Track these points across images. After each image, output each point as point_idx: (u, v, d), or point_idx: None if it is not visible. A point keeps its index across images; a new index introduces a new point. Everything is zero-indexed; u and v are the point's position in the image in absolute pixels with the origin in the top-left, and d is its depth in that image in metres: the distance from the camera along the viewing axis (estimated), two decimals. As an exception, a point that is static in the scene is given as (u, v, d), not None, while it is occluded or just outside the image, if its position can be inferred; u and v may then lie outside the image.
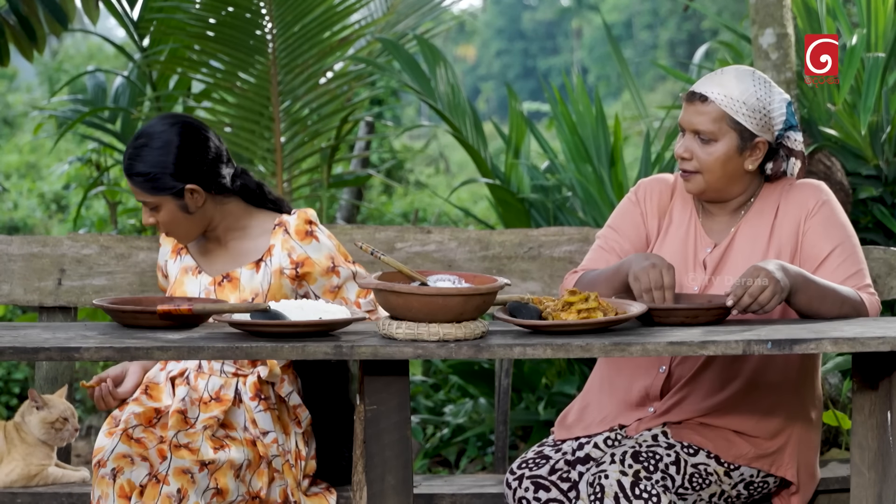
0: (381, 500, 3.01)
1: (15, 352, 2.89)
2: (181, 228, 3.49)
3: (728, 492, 3.38)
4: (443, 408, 5.86)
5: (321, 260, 3.51)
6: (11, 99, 16.39)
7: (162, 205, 3.43)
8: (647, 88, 23.18)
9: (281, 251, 3.50)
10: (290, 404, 3.55)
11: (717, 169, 3.36)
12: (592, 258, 3.54)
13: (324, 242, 3.53)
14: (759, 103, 3.35)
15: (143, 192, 3.43)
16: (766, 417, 3.41)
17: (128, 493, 3.29)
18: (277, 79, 5.83)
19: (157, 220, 3.46)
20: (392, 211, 10.27)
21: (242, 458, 3.39)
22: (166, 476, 3.28)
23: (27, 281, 4.11)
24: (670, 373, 3.44)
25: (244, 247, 3.55)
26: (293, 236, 3.52)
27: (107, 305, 3.17)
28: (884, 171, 5.21)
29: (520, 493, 3.37)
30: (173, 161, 3.40)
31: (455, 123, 5.67)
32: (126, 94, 6.48)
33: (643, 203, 3.56)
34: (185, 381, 3.53)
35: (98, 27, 6.10)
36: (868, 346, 2.93)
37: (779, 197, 3.46)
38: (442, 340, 2.89)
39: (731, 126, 3.33)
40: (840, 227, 3.41)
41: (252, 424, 3.47)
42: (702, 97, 3.34)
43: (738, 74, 3.37)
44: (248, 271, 3.49)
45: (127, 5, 6.11)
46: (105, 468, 3.32)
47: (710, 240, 3.46)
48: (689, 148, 3.37)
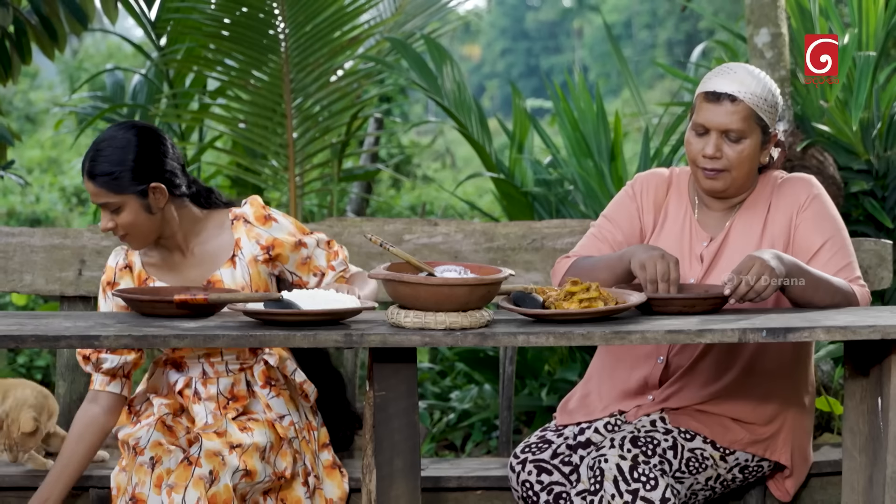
0: (390, 483, 3.01)
1: (37, 340, 2.89)
2: (141, 230, 3.35)
3: (724, 476, 3.38)
4: (449, 394, 5.86)
5: (287, 238, 3.47)
6: (34, 96, 16.39)
7: (125, 205, 3.31)
8: (645, 86, 23.12)
9: (248, 241, 3.45)
10: (297, 381, 3.55)
11: (746, 165, 3.35)
12: (585, 245, 3.52)
13: (283, 221, 3.49)
14: (773, 98, 3.35)
15: (106, 191, 3.30)
16: (761, 404, 3.41)
17: (163, 481, 3.29)
18: (290, 77, 5.83)
19: (116, 223, 3.33)
20: (400, 204, 10.27)
21: (266, 440, 3.38)
22: (198, 458, 3.27)
23: (49, 271, 4.11)
24: (668, 363, 3.43)
25: (211, 249, 3.47)
26: (255, 224, 3.47)
27: (126, 295, 3.17)
28: (874, 166, 5.20)
29: (523, 476, 3.37)
30: (133, 159, 3.30)
31: (461, 120, 5.66)
32: (144, 92, 6.48)
33: (639, 197, 3.54)
34: (195, 395, 3.48)
35: (117, 27, 6.10)
36: (859, 335, 2.92)
37: (771, 191, 3.45)
38: (448, 329, 2.89)
39: (756, 123, 3.33)
40: (831, 220, 3.40)
41: (267, 409, 3.48)
42: (731, 97, 3.30)
43: (749, 71, 3.36)
44: (227, 270, 3.43)
45: (145, 6, 6.11)
46: (143, 456, 3.32)
47: (705, 234, 3.45)
48: (719, 147, 3.33)
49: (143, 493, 3.27)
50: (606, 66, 30.30)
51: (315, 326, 2.94)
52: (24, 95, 16.01)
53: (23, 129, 14.88)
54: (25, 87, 16.19)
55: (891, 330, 2.91)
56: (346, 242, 4.15)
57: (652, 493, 3.14)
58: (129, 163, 3.30)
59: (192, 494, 3.20)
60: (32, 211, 10.15)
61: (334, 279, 3.50)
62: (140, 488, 3.28)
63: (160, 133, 3.40)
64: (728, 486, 3.43)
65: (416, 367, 3.04)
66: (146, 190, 3.32)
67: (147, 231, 3.36)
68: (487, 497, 3.77)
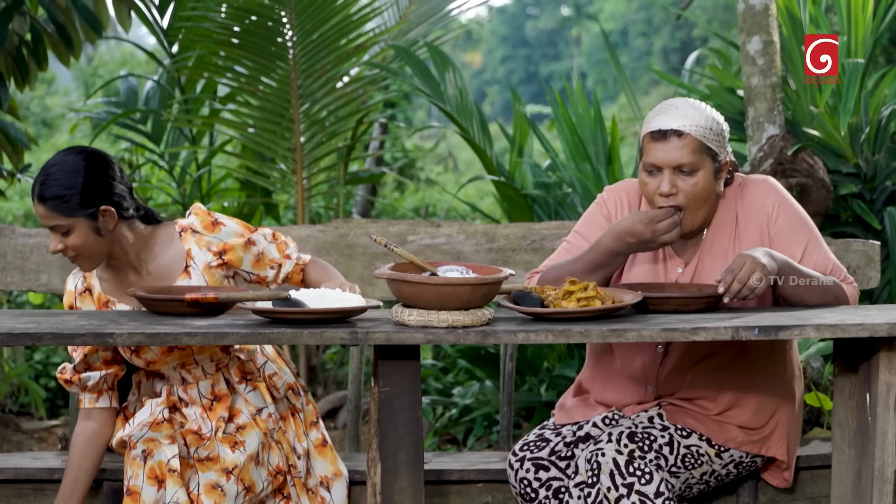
0: (394, 476, 3.01)
1: (53, 337, 2.89)
2: (91, 252, 3.30)
3: (719, 471, 3.37)
4: (451, 390, 5.86)
5: (237, 240, 3.42)
6: (50, 102, 16.38)
7: (74, 227, 3.26)
8: (641, 92, 23.08)
9: (199, 250, 3.39)
10: (266, 374, 3.51)
11: (702, 197, 3.25)
12: (555, 257, 3.43)
13: (229, 224, 3.43)
14: (717, 126, 3.25)
15: (56, 214, 3.25)
16: (757, 412, 3.37)
17: (158, 474, 3.29)
18: (297, 83, 5.83)
19: (65, 245, 3.27)
20: (404, 206, 10.26)
21: (256, 443, 3.37)
22: (199, 496, 3.28)
23: (64, 271, 4.11)
24: (667, 353, 3.40)
25: (163, 263, 3.41)
26: (203, 232, 3.41)
27: (139, 293, 3.17)
28: (863, 169, 5.20)
29: (521, 473, 3.37)
30: (82, 182, 3.25)
31: (463, 124, 5.66)
32: (156, 97, 6.48)
33: (609, 208, 3.46)
34: (181, 404, 3.45)
35: (130, 35, 6.10)
36: (848, 332, 2.92)
37: (734, 204, 3.37)
38: (451, 327, 2.89)
39: (706, 153, 3.23)
40: (803, 224, 3.34)
41: (246, 404, 3.45)
42: (677, 132, 3.21)
43: (690, 104, 3.26)
44: (183, 281, 3.38)
45: (157, 14, 6.11)
46: (136, 450, 3.32)
47: (679, 259, 3.39)
48: (674, 183, 3.23)
49: (136, 485, 3.28)
50: (603, 72, 30.27)
51: (322, 324, 2.94)
52: (40, 101, 16.01)
53: (39, 134, 14.87)
54: (42, 93, 16.19)
55: (879, 328, 2.91)
56: (352, 243, 4.15)
57: (647, 486, 3.14)
58: (79, 186, 3.25)
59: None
60: (49, 213, 10.14)
61: (293, 267, 3.45)
62: (134, 481, 3.29)
63: (108, 158, 3.34)
64: (722, 480, 3.42)
65: (420, 364, 3.04)
66: (95, 213, 3.27)
67: (97, 252, 3.31)
68: (488, 489, 3.77)
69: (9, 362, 6.11)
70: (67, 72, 11.53)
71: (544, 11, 39.50)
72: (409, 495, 3.01)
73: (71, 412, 4.09)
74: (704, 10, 24.57)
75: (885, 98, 5.30)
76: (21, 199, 10.26)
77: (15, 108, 5.20)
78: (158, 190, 6.91)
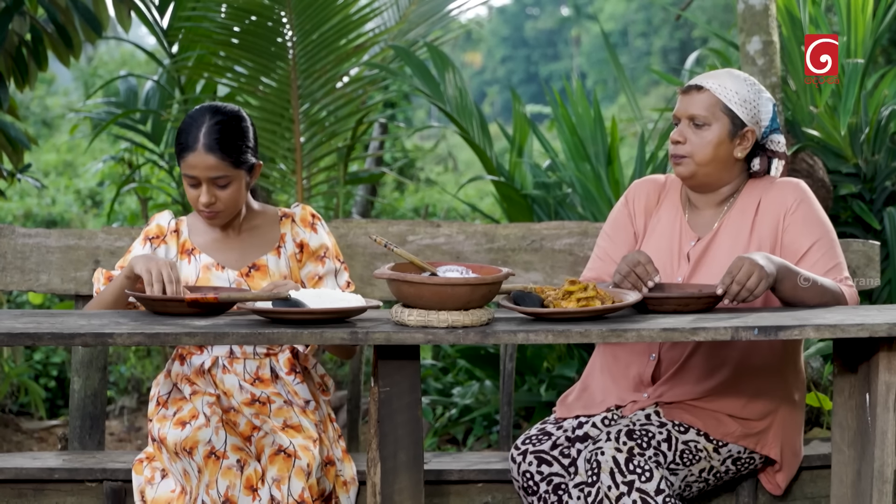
0: (394, 476, 3.01)
1: (53, 337, 2.89)
2: (236, 206, 3.39)
3: (717, 467, 3.38)
4: (451, 390, 5.86)
5: (315, 247, 3.52)
6: (50, 102, 16.37)
7: (235, 179, 3.35)
8: (641, 92, 23.10)
9: (291, 238, 3.51)
10: (318, 374, 3.57)
11: (709, 152, 3.36)
12: (592, 268, 3.55)
13: (321, 235, 3.54)
14: (749, 95, 3.36)
15: (226, 165, 3.32)
16: (752, 401, 3.40)
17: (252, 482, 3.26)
18: (297, 83, 5.83)
19: (217, 198, 3.34)
20: (404, 206, 10.25)
21: (314, 429, 3.38)
22: (295, 451, 3.27)
23: (64, 271, 4.11)
24: (660, 360, 3.43)
25: (258, 237, 3.51)
26: (299, 224, 3.54)
27: (139, 294, 3.17)
28: (862, 170, 5.20)
29: (524, 466, 3.38)
30: (254, 136, 3.40)
31: (463, 125, 5.66)
32: (156, 98, 6.47)
33: (632, 204, 3.57)
34: (223, 369, 3.45)
35: (130, 35, 6.10)
36: (848, 333, 2.92)
37: (760, 194, 3.44)
38: (451, 327, 2.89)
39: (723, 112, 3.34)
40: (819, 223, 3.39)
41: (294, 395, 3.47)
42: (697, 87, 3.37)
43: (732, 73, 3.40)
44: (272, 257, 3.48)
45: (157, 15, 6.11)
46: (229, 459, 3.27)
47: (694, 233, 3.45)
48: (683, 132, 3.37)
49: (234, 495, 3.21)
50: (603, 72, 30.29)
51: (322, 325, 2.94)
52: (40, 101, 16.00)
53: (39, 134, 14.87)
54: (42, 93, 16.18)
55: (878, 328, 2.91)
56: (352, 243, 4.15)
57: (647, 484, 3.14)
58: (251, 140, 3.38)
59: (296, 485, 3.21)
60: (48, 213, 10.14)
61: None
62: (231, 491, 3.22)
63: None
64: (721, 478, 3.43)
65: (420, 364, 3.04)
66: (252, 167, 3.39)
67: (238, 206, 3.42)
68: (488, 489, 3.77)
69: (9, 362, 6.11)
70: (67, 72, 11.55)
71: (544, 11, 39.52)
72: (409, 495, 3.01)
73: (71, 412, 4.10)
74: (704, 10, 24.58)
75: (884, 98, 5.30)
76: (21, 199, 10.27)
77: (15, 108, 5.20)
78: (158, 190, 6.90)
